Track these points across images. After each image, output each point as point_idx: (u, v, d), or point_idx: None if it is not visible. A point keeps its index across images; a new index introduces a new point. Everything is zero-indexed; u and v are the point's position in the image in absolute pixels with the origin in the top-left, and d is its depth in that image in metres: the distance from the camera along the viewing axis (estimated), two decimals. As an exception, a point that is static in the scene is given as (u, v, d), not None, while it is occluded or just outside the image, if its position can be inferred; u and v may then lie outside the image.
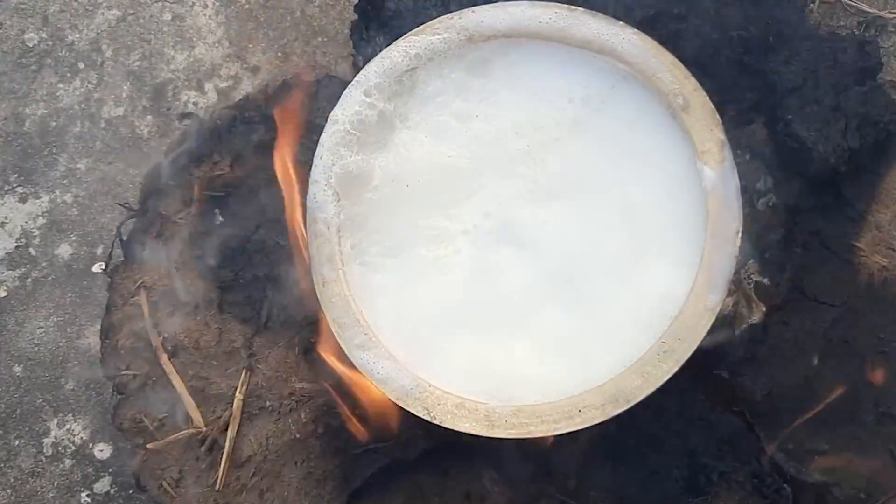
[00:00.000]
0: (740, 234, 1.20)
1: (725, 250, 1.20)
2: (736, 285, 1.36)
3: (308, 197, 1.31)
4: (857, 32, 1.54)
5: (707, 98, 1.24)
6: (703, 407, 1.36)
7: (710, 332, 1.19)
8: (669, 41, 1.39)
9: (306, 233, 1.31)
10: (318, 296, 1.29)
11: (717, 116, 1.23)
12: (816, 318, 1.38)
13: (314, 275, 1.30)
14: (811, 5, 1.54)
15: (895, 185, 1.43)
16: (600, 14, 1.29)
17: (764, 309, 1.37)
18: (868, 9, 1.60)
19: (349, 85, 1.32)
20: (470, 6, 1.35)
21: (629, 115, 1.28)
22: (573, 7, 1.29)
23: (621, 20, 1.30)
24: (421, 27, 1.33)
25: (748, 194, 1.38)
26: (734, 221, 1.21)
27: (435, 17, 1.35)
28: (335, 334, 1.27)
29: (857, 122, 1.39)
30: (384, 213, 1.31)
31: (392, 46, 1.33)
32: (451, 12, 1.35)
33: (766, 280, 1.38)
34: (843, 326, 1.38)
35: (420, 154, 1.31)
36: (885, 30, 1.60)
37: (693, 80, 1.25)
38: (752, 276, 1.38)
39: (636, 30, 1.27)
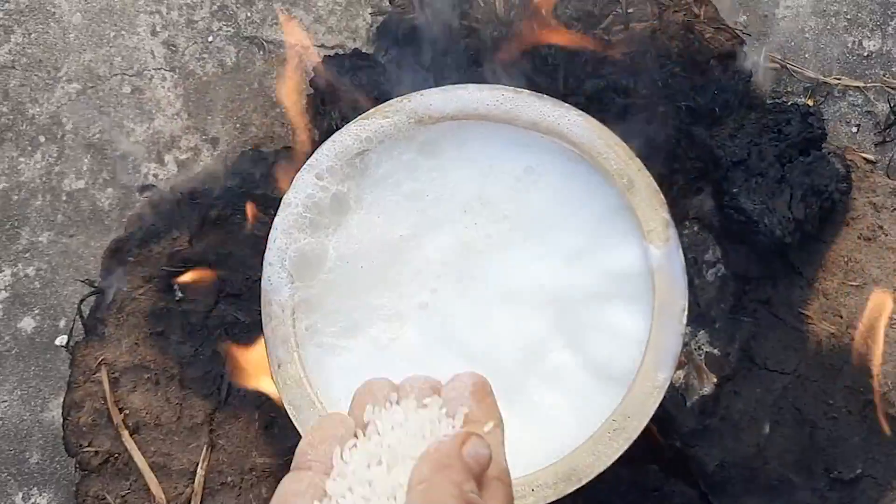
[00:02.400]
0: (686, 312, 1.22)
1: (672, 328, 1.22)
2: (686, 357, 1.38)
3: (263, 280, 1.32)
4: (800, 101, 1.57)
5: (651, 178, 1.26)
6: (657, 477, 1.38)
7: (660, 406, 1.21)
8: (618, 114, 1.43)
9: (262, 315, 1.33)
10: (273, 377, 1.30)
11: (662, 196, 1.25)
12: (767, 386, 1.40)
13: (269, 356, 1.31)
14: (757, 74, 1.57)
15: (841, 254, 1.45)
16: (546, 96, 1.31)
17: (715, 380, 1.39)
18: (813, 75, 1.63)
19: (301, 168, 1.34)
20: (425, 79, 1.37)
21: (578, 194, 1.30)
22: (519, 90, 1.32)
23: (570, 95, 1.32)
24: (371, 110, 1.35)
25: (697, 265, 1.40)
26: (680, 299, 1.23)
27: (389, 92, 1.38)
28: (290, 416, 1.28)
29: (802, 192, 1.41)
30: (339, 294, 1.32)
31: (343, 130, 1.34)
32: (404, 88, 1.38)
33: (716, 350, 1.40)
34: (793, 394, 1.40)
35: (373, 235, 1.33)
36: (831, 95, 1.63)
37: (637, 161, 1.27)
38: (702, 346, 1.40)
39: (581, 112, 1.30)
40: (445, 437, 0.71)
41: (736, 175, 1.42)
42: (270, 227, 1.33)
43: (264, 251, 1.33)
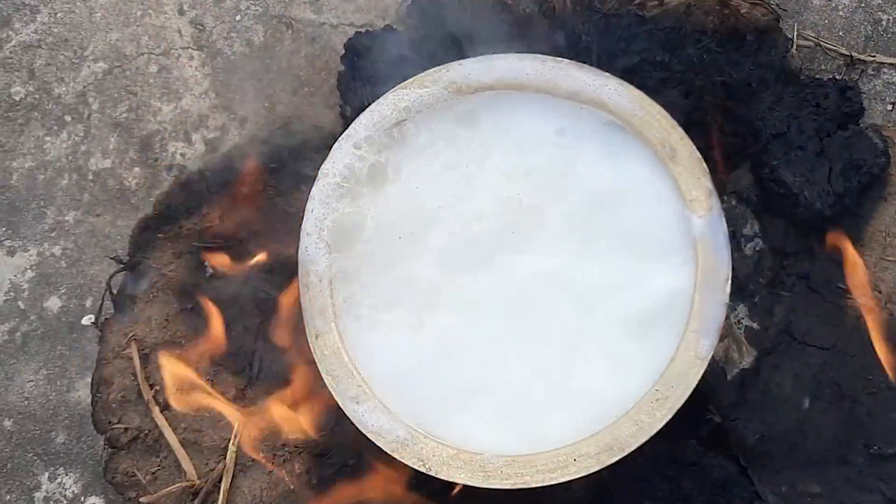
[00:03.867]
0: (729, 281, 1.21)
1: (715, 298, 1.21)
2: (727, 330, 1.37)
3: (300, 249, 1.31)
4: (837, 77, 1.56)
5: (693, 147, 1.25)
6: (695, 452, 1.37)
7: (701, 378, 1.21)
8: (654, 89, 1.42)
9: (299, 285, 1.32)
10: (311, 348, 1.29)
11: (704, 165, 1.25)
12: (806, 360, 1.39)
13: (307, 327, 1.30)
14: (791, 50, 1.56)
15: (879, 228, 1.44)
16: (586, 66, 1.30)
17: (754, 353, 1.38)
18: (847, 52, 1.62)
19: (339, 138, 1.33)
20: (455, 58, 1.36)
21: (617, 163, 1.29)
22: (559, 59, 1.31)
23: (606, 70, 1.31)
24: (409, 80, 1.34)
25: (736, 239, 1.39)
26: (723, 269, 1.22)
27: (421, 68, 1.37)
28: (328, 386, 1.27)
29: (842, 166, 1.41)
30: (376, 265, 1.32)
31: (381, 100, 1.34)
32: (436, 64, 1.37)
33: (755, 324, 1.39)
34: (832, 369, 1.39)
35: (411, 205, 1.32)
36: (865, 73, 1.62)
37: (679, 130, 1.26)
38: (742, 320, 1.39)
39: (622, 80, 1.29)
40: None
41: (776, 148, 1.41)
42: (306, 199, 1.33)
43: (299, 224, 1.33)
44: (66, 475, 1.66)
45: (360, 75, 1.59)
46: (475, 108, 1.34)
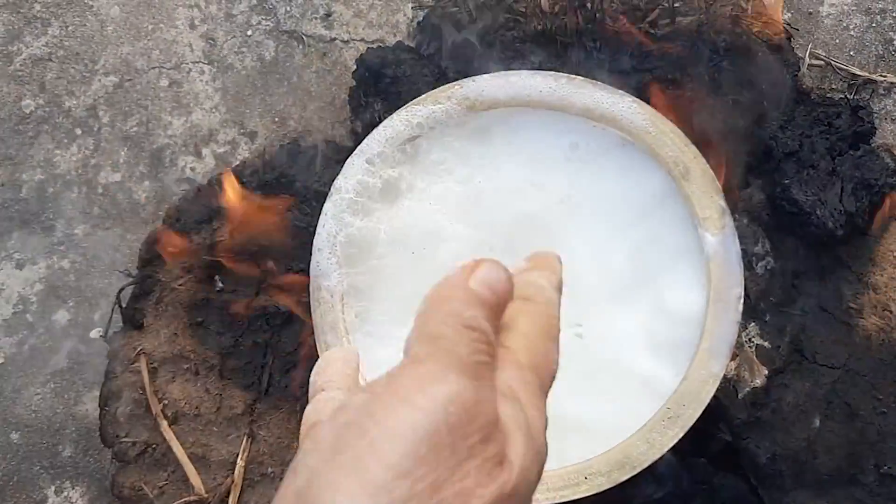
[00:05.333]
0: (742, 300, 1.21)
1: (728, 316, 1.21)
2: (738, 349, 1.37)
3: (312, 264, 1.31)
4: (850, 97, 1.57)
5: (707, 165, 1.25)
6: (706, 471, 1.36)
7: (713, 396, 1.20)
8: (666, 107, 1.42)
9: (310, 300, 1.32)
10: (323, 364, 1.29)
11: (717, 184, 1.25)
12: (817, 380, 1.39)
13: (318, 342, 1.30)
14: (803, 69, 1.57)
15: (890, 248, 1.44)
16: (600, 83, 1.30)
17: (766, 372, 1.37)
18: (859, 72, 1.63)
19: (352, 154, 1.33)
20: (466, 74, 1.37)
21: (629, 181, 1.29)
22: (573, 76, 1.31)
23: (618, 88, 1.32)
24: (423, 96, 1.34)
25: (747, 258, 1.39)
26: (736, 287, 1.22)
27: (432, 84, 1.37)
28: (340, 402, 1.27)
29: (853, 185, 1.41)
30: (389, 282, 1.31)
31: (394, 115, 1.34)
32: (447, 81, 1.37)
33: (766, 343, 1.39)
34: (842, 388, 1.39)
35: (425, 222, 1.32)
36: (877, 93, 1.62)
37: (693, 148, 1.26)
38: (753, 339, 1.39)
39: (635, 98, 1.29)
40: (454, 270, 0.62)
41: (788, 166, 1.41)
42: (318, 214, 1.33)
43: (310, 239, 1.33)
44: (73, 489, 1.66)
45: (370, 91, 1.59)
46: (488, 124, 1.34)
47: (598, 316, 1.26)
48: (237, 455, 1.47)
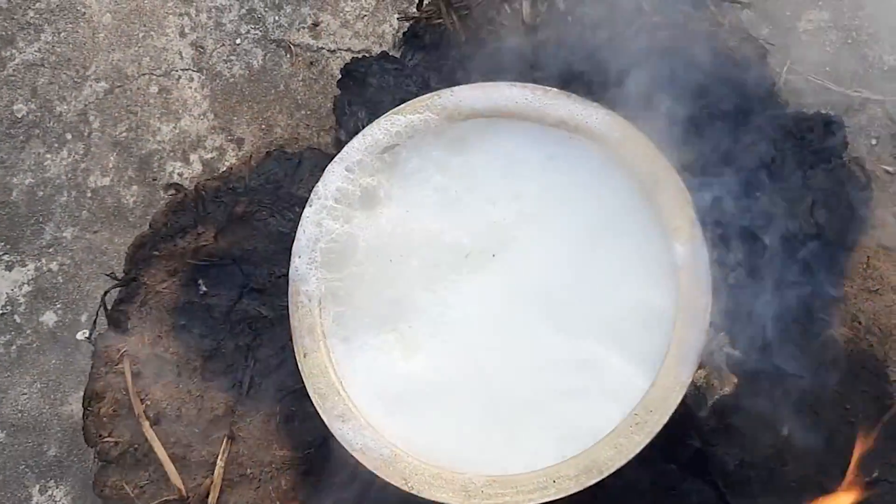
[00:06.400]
0: (710, 309, 1.24)
1: (696, 325, 1.24)
2: (708, 357, 1.39)
3: (291, 269, 1.34)
4: (822, 111, 1.59)
5: (678, 177, 1.28)
6: (675, 477, 1.38)
7: (681, 403, 1.23)
8: (641, 118, 1.44)
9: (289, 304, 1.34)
10: (300, 366, 1.31)
11: (688, 195, 1.27)
12: (786, 389, 1.41)
13: (295, 346, 1.32)
14: (779, 84, 1.59)
15: (860, 260, 1.46)
16: (575, 95, 1.33)
17: (735, 380, 1.39)
18: (834, 87, 1.65)
19: (332, 161, 1.36)
20: (449, 83, 1.39)
21: (603, 191, 1.32)
22: (548, 88, 1.34)
23: (596, 99, 1.34)
24: (402, 106, 1.37)
25: (718, 267, 1.41)
26: (704, 296, 1.25)
27: (415, 94, 1.39)
28: (315, 404, 1.29)
29: (824, 198, 1.43)
30: (368, 288, 1.34)
31: (374, 124, 1.37)
32: (430, 90, 1.40)
33: (736, 352, 1.41)
34: (811, 397, 1.41)
35: (403, 229, 1.35)
36: (851, 108, 1.65)
37: (664, 160, 1.29)
38: (723, 347, 1.41)
39: (609, 110, 1.32)
40: None
41: (759, 178, 1.43)
42: (298, 221, 1.35)
43: (291, 244, 1.35)
44: (57, 488, 1.68)
45: (355, 100, 1.62)
46: (466, 134, 1.37)
47: (569, 322, 1.29)
48: (217, 456, 1.49)
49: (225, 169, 1.73)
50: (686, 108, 1.49)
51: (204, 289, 1.58)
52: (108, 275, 1.69)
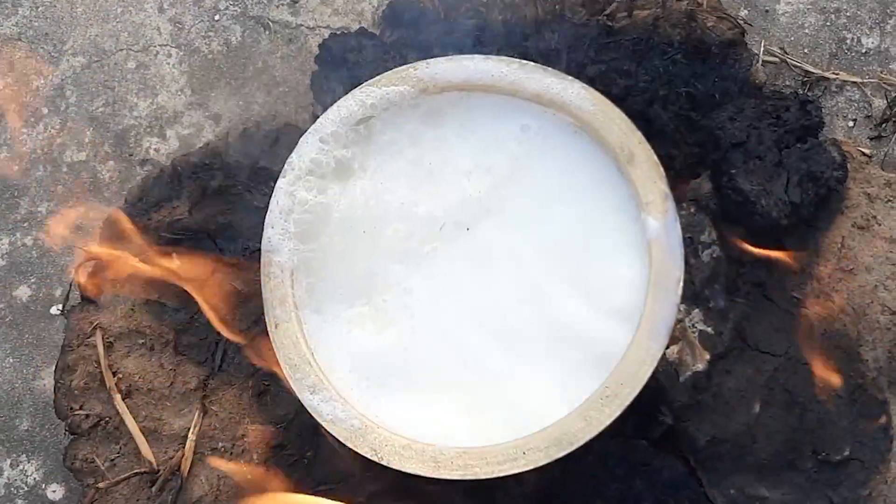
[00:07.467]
0: (682, 283, 1.24)
1: (668, 299, 1.24)
2: (681, 333, 1.39)
3: (263, 239, 1.34)
4: (800, 92, 1.60)
5: (651, 151, 1.28)
6: (646, 452, 1.38)
7: (653, 378, 1.23)
8: (619, 96, 1.44)
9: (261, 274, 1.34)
10: (271, 337, 1.31)
11: (661, 169, 1.27)
12: (758, 366, 1.41)
13: (267, 316, 1.32)
14: (756, 65, 1.59)
15: (835, 240, 1.47)
16: (551, 69, 1.33)
17: (707, 357, 1.40)
18: (812, 69, 1.65)
19: (306, 132, 1.36)
20: (426, 58, 1.39)
21: (577, 165, 1.32)
22: (524, 62, 1.34)
23: (573, 76, 1.34)
24: (377, 78, 1.36)
25: (693, 246, 1.42)
26: (676, 270, 1.25)
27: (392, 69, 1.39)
28: (286, 375, 1.29)
29: (799, 177, 1.43)
30: (340, 259, 1.34)
31: (348, 96, 1.36)
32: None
33: (710, 329, 1.41)
34: (783, 375, 1.41)
35: (376, 201, 1.35)
36: (829, 90, 1.65)
37: (638, 134, 1.29)
38: (696, 324, 1.42)
39: (584, 84, 1.32)
40: None
41: (735, 157, 1.43)
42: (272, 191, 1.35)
43: (265, 214, 1.35)
44: (29, 462, 1.68)
45: (332, 76, 1.61)
46: (441, 106, 1.37)
47: (541, 295, 1.29)
48: (189, 429, 1.49)
49: (202, 145, 1.73)
50: (662, 89, 1.49)
51: (178, 262, 1.58)
52: (81, 248, 1.68)
